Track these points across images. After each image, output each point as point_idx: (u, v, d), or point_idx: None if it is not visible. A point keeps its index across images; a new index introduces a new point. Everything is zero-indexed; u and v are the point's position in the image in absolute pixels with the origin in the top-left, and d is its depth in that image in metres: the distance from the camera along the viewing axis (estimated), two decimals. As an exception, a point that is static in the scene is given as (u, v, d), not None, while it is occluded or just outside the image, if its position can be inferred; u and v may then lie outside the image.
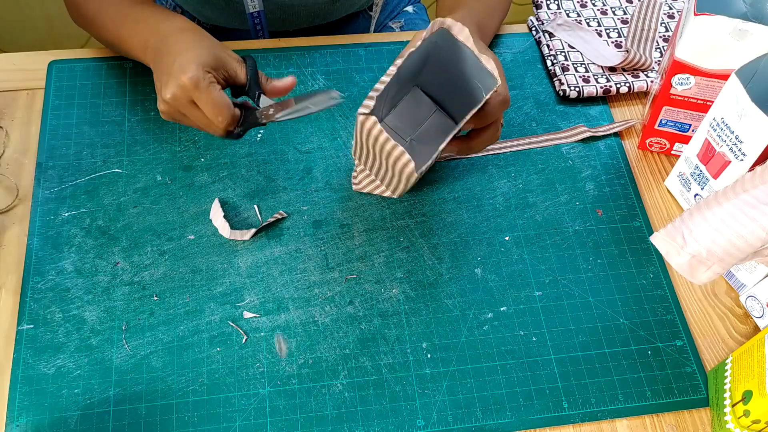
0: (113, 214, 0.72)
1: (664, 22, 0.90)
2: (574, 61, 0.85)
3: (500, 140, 0.79)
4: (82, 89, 0.80)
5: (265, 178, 0.76)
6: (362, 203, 0.75)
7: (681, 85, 0.72)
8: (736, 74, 0.63)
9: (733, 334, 0.69)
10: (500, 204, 0.76)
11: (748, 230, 0.55)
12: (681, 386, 0.66)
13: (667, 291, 0.71)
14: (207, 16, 0.95)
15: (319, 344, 0.66)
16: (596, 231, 0.75)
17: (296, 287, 0.69)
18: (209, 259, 0.70)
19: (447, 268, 0.71)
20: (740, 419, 0.59)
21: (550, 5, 0.91)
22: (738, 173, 0.66)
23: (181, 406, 0.63)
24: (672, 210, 0.77)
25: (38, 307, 0.67)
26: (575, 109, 0.83)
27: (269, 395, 0.64)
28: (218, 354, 0.65)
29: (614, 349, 0.68)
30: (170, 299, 0.68)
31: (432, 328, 0.68)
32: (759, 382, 0.57)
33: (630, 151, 0.81)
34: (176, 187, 0.75)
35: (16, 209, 0.72)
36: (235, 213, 0.73)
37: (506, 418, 0.64)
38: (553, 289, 0.71)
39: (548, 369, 0.66)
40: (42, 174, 0.74)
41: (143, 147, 0.77)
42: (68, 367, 0.64)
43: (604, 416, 0.64)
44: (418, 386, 0.65)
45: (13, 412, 0.62)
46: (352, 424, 0.63)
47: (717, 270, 0.57)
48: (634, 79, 0.84)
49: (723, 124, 0.66)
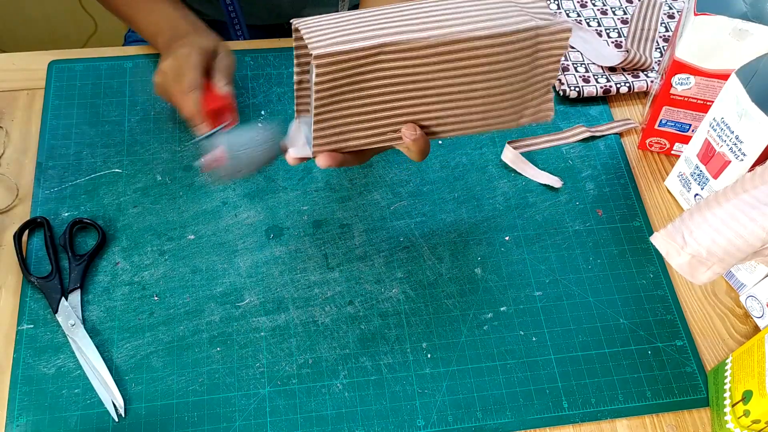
0: (113, 214, 0.72)
1: (664, 22, 0.90)
2: (574, 61, 0.85)
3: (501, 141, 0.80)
4: (82, 89, 0.80)
5: (265, 178, 0.76)
6: (362, 203, 0.75)
7: (681, 85, 0.72)
8: (736, 74, 0.63)
9: (733, 334, 0.69)
10: (500, 204, 0.76)
11: (748, 230, 0.55)
12: (681, 386, 0.66)
13: (667, 291, 0.71)
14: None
15: (319, 344, 0.66)
16: (596, 231, 0.75)
17: (296, 287, 0.69)
18: (209, 259, 0.70)
19: (447, 268, 0.71)
20: (740, 419, 0.59)
21: (550, 5, 0.91)
22: (738, 173, 0.66)
23: (181, 406, 0.63)
24: (672, 210, 0.77)
25: (38, 307, 0.67)
26: (575, 109, 0.83)
27: (269, 395, 0.64)
28: (218, 354, 0.65)
29: (614, 349, 0.68)
30: (170, 299, 0.68)
31: (432, 328, 0.68)
32: (759, 382, 0.57)
33: (630, 151, 0.81)
34: (176, 187, 0.75)
35: (16, 209, 0.72)
36: (235, 213, 0.73)
37: (506, 418, 0.64)
38: (553, 289, 0.71)
39: (548, 369, 0.66)
40: (42, 174, 0.74)
41: (143, 147, 0.77)
42: (68, 367, 0.64)
43: (604, 416, 0.64)
44: (418, 386, 0.65)
45: (13, 412, 0.62)
46: (352, 424, 0.63)
47: (717, 270, 0.57)
48: (634, 79, 0.84)
49: (723, 124, 0.66)
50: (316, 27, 0.52)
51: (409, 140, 0.57)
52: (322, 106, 0.53)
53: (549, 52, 0.55)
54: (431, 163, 0.78)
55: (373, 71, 0.52)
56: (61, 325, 0.65)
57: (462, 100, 0.56)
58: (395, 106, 0.55)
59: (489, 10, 0.54)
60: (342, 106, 0.54)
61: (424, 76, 0.53)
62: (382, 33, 0.51)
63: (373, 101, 0.54)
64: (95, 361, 0.64)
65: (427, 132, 0.58)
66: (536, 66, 0.56)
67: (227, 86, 0.71)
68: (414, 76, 0.53)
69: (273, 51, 0.85)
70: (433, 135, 0.59)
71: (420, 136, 0.57)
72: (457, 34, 0.52)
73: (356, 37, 0.51)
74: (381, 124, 0.56)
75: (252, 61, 0.84)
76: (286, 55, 0.85)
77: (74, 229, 0.70)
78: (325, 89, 0.52)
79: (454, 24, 0.52)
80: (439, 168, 0.78)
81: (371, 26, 0.52)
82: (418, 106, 0.56)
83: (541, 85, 0.58)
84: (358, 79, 0.52)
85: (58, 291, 0.67)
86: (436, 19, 0.53)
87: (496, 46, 0.53)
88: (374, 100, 0.54)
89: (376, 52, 0.51)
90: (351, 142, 0.57)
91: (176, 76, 0.70)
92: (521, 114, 0.59)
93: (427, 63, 0.53)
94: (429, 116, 0.57)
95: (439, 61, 0.53)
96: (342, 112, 0.55)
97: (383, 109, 0.55)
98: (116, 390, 0.63)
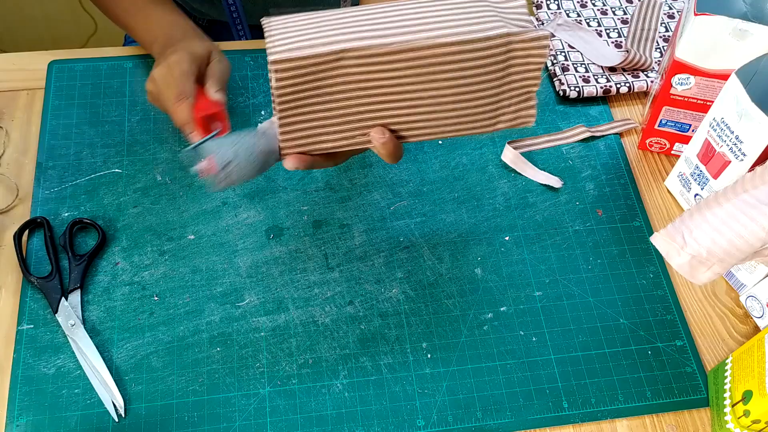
0: (113, 214, 0.72)
1: (664, 22, 0.90)
2: (574, 61, 0.85)
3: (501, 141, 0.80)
4: (82, 89, 0.80)
5: (265, 178, 0.76)
6: (362, 203, 0.75)
7: (681, 85, 0.72)
8: (736, 74, 0.63)
9: (733, 334, 0.69)
10: (500, 204, 0.76)
11: (748, 230, 0.55)
12: (681, 386, 0.66)
13: (667, 291, 0.71)
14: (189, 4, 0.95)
15: (319, 344, 0.66)
16: (596, 231, 0.75)
17: (296, 287, 0.69)
18: (209, 259, 0.70)
19: (447, 268, 0.71)
20: (740, 419, 0.59)
21: (550, 5, 0.91)
22: (738, 173, 0.66)
23: (181, 406, 0.63)
24: (672, 210, 0.77)
25: (38, 307, 0.67)
26: (575, 109, 0.83)
27: (269, 395, 0.64)
28: (218, 354, 0.65)
29: (614, 349, 0.68)
30: (170, 299, 0.68)
31: (432, 328, 0.68)
32: (759, 382, 0.57)
33: (630, 151, 0.81)
34: (176, 187, 0.75)
35: (16, 209, 0.72)
36: (235, 213, 0.73)
37: (506, 418, 0.64)
38: (553, 289, 0.71)
39: (548, 369, 0.66)
40: (42, 174, 0.74)
41: (143, 147, 0.77)
42: (68, 367, 0.64)
43: (604, 416, 0.64)
44: (418, 386, 0.65)
45: (13, 412, 0.62)
46: (352, 424, 0.63)
47: (717, 270, 0.57)
48: (634, 79, 0.84)
49: (723, 124, 0.66)
50: (281, 28, 0.52)
51: (378, 143, 0.56)
52: (285, 110, 0.53)
53: (525, 59, 0.54)
54: (431, 163, 0.78)
55: (336, 76, 0.52)
56: (61, 325, 0.65)
57: (430, 105, 0.55)
58: (362, 110, 0.55)
59: (462, 13, 0.53)
60: (307, 110, 0.54)
61: (389, 81, 0.53)
62: (345, 38, 0.51)
63: (338, 105, 0.54)
64: (95, 361, 0.64)
65: (398, 135, 0.57)
66: (511, 73, 0.55)
67: (219, 93, 0.69)
68: (378, 81, 0.53)
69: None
70: (404, 138, 0.58)
71: (389, 139, 0.56)
72: (422, 41, 0.51)
73: (318, 41, 0.51)
74: (349, 128, 0.56)
75: (252, 61, 0.84)
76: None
77: (74, 229, 0.70)
78: (287, 93, 0.52)
79: (422, 28, 0.51)
80: (439, 168, 0.78)
81: (336, 29, 0.51)
82: (385, 110, 0.55)
83: (521, 91, 0.57)
84: (320, 84, 0.52)
85: (58, 291, 0.67)
86: (406, 21, 0.52)
87: (464, 52, 0.52)
88: (339, 104, 0.54)
89: (336, 57, 0.51)
90: (320, 145, 0.57)
91: (167, 85, 0.69)
92: (497, 120, 0.58)
93: (391, 69, 0.52)
94: (398, 120, 0.56)
95: (404, 66, 0.52)
96: (308, 116, 0.54)
97: (350, 113, 0.55)
98: (116, 390, 0.63)
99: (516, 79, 0.55)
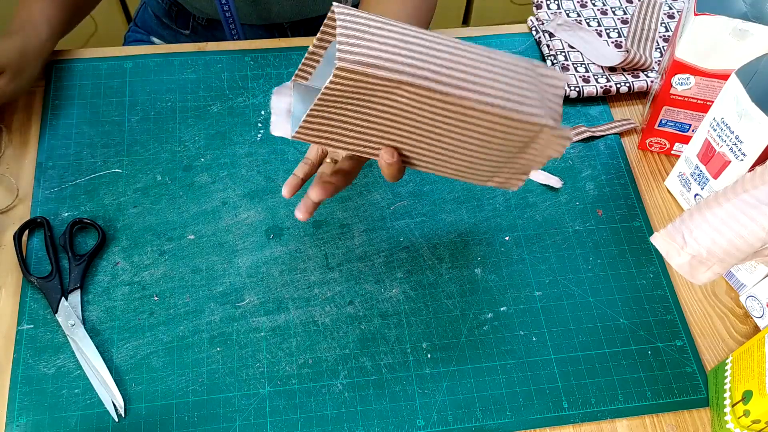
0: (113, 214, 0.72)
1: (664, 22, 0.90)
2: (574, 61, 0.85)
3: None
4: (82, 89, 0.80)
5: (265, 178, 0.76)
6: (362, 203, 0.75)
7: (681, 85, 0.72)
8: (736, 74, 0.63)
9: (733, 334, 0.69)
10: (500, 204, 0.76)
11: (748, 230, 0.55)
12: (681, 386, 0.66)
13: (667, 291, 0.71)
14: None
15: (319, 344, 0.66)
16: (596, 231, 0.75)
17: (296, 287, 0.69)
18: (209, 259, 0.70)
19: (447, 268, 0.71)
20: (740, 419, 0.59)
21: (550, 5, 0.91)
22: (738, 173, 0.66)
23: (181, 406, 0.63)
24: (672, 210, 0.77)
25: (38, 307, 0.67)
26: (575, 109, 0.83)
27: (269, 395, 0.64)
28: (218, 354, 0.65)
29: (614, 349, 0.68)
30: (170, 299, 0.68)
31: (432, 328, 0.68)
32: (759, 382, 0.57)
33: (630, 151, 0.81)
34: (176, 187, 0.75)
35: (16, 209, 0.72)
36: (235, 213, 0.73)
37: (506, 418, 0.64)
38: (553, 289, 0.71)
39: (548, 369, 0.66)
40: (42, 174, 0.74)
41: (143, 147, 0.77)
42: (68, 367, 0.64)
43: (604, 416, 0.64)
44: (418, 386, 0.65)
45: (13, 412, 0.62)
46: (352, 424, 0.63)
47: (717, 270, 0.57)
48: (634, 79, 0.84)
49: (723, 124, 0.66)
50: (352, 25, 0.52)
51: (384, 162, 0.58)
52: (323, 105, 0.54)
53: (544, 149, 0.57)
54: (431, 163, 0.78)
55: (383, 97, 0.53)
56: (61, 325, 0.65)
57: (448, 149, 0.58)
58: (386, 129, 0.56)
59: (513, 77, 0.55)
60: (340, 112, 0.55)
61: (425, 116, 0.55)
62: (407, 67, 0.52)
63: (369, 118, 0.55)
64: (95, 361, 0.64)
65: (404, 159, 0.60)
66: (526, 152, 0.58)
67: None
68: (416, 113, 0.54)
69: (273, 51, 0.85)
70: (408, 164, 0.60)
71: (395, 162, 0.58)
72: (474, 102, 0.53)
73: (383, 60, 0.51)
74: (367, 138, 0.57)
75: (252, 61, 0.84)
76: (286, 55, 0.85)
77: (74, 229, 0.70)
78: (334, 94, 0.53)
79: (476, 81, 0.54)
80: (439, 168, 0.78)
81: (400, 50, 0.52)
82: (406, 137, 0.57)
83: (524, 167, 0.60)
84: (364, 95, 0.53)
85: (58, 291, 0.67)
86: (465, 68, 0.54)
87: (501, 123, 0.55)
88: (371, 118, 0.55)
89: (395, 85, 0.52)
90: (332, 142, 0.58)
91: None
92: (491, 178, 0.62)
93: (433, 108, 0.54)
94: (412, 149, 0.58)
95: (444, 110, 0.54)
96: (338, 116, 0.55)
97: (375, 128, 0.56)
98: (116, 390, 0.63)
99: (527, 157, 0.59)
